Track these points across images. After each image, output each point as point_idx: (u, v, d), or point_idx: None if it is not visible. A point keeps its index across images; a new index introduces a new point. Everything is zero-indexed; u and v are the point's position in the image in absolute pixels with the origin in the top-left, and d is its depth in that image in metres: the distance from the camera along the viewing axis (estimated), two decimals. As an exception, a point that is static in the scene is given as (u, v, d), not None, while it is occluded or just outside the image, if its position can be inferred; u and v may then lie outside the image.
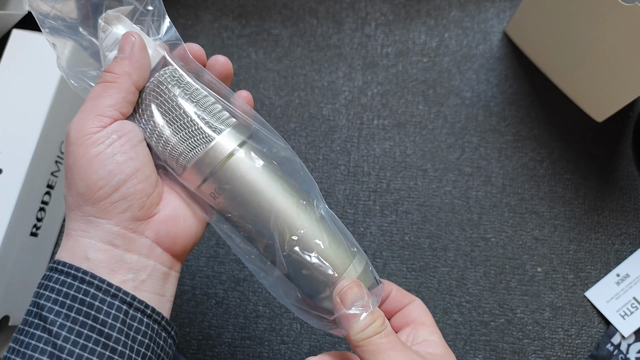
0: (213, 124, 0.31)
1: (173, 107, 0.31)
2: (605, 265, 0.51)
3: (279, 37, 0.57)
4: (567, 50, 0.51)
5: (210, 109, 0.32)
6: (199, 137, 0.31)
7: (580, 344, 0.50)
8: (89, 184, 0.29)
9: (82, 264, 0.29)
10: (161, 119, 0.31)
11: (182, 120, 0.31)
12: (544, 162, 0.53)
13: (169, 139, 0.31)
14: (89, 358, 0.27)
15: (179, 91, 0.31)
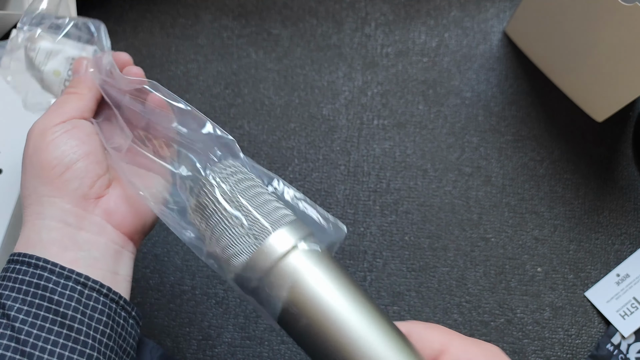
0: (262, 224, 0.28)
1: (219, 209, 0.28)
2: (605, 265, 0.51)
3: (279, 37, 0.57)
4: (567, 50, 0.51)
5: (263, 207, 0.28)
6: (244, 241, 0.28)
7: (580, 344, 0.49)
8: (44, 164, 0.31)
9: (36, 248, 0.30)
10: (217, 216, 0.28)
11: (224, 223, 0.28)
12: (544, 162, 0.53)
13: (219, 241, 0.28)
14: (47, 337, 0.28)
15: (228, 189, 0.29)
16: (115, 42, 0.57)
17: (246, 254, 0.27)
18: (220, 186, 0.28)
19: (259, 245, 0.27)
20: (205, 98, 0.55)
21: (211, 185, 0.28)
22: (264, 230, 0.27)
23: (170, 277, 0.51)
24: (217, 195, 0.28)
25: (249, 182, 0.29)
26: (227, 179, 0.29)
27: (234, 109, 0.55)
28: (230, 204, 0.28)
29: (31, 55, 0.36)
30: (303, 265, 0.27)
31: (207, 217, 0.28)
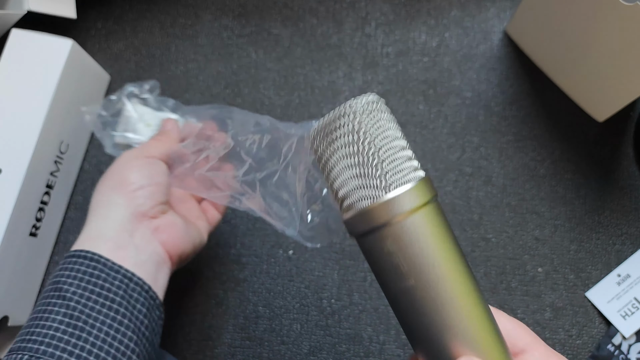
0: (395, 172, 0.27)
1: (359, 141, 0.27)
2: (606, 265, 0.51)
3: (279, 37, 0.57)
4: (568, 50, 0.50)
5: (397, 155, 0.28)
6: (374, 183, 0.27)
7: (581, 345, 0.49)
8: (124, 180, 0.40)
9: (95, 243, 0.37)
10: (342, 151, 0.27)
11: (363, 158, 0.27)
12: (545, 162, 0.53)
13: (341, 173, 0.28)
14: (96, 317, 0.34)
15: (372, 124, 0.28)
16: (114, 42, 0.57)
17: (368, 200, 0.26)
18: (361, 120, 0.27)
19: (383, 195, 0.26)
20: (205, 98, 0.55)
21: (352, 117, 0.27)
22: (394, 181, 0.26)
23: (170, 278, 0.51)
24: (356, 127, 0.27)
25: (387, 124, 0.28)
26: (369, 115, 0.27)
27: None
28: (365, 141, 0.27)
29: (132, 114, 0.49)
30: (423, 227, 0.26)
31: (334, 150, 0.27)
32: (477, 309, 0.26)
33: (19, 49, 0.48)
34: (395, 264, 0.26)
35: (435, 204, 0.27)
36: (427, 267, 0.26)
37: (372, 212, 0.26)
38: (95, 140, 0.55)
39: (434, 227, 0.26)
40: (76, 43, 0.49)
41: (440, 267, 0.26)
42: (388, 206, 0.26)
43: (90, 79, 0.53)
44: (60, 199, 0.51)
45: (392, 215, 0.26)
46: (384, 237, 0.26)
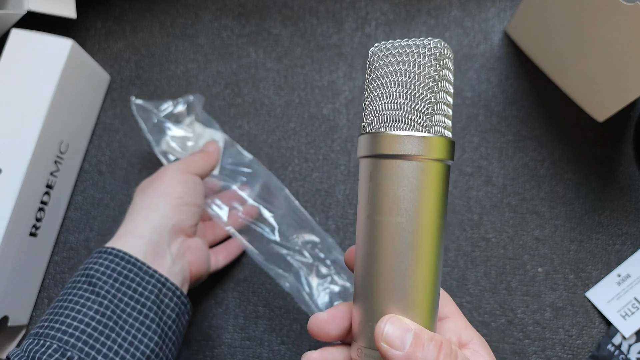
0: (438, 121, 0.28)
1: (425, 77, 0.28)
2: (606, 265, 0.51)
3: (279, 37, 0.57)
4: (568, 50, 0.50)
5: (444, 108, 0.29)
6: (418, 118, 0.28)
7: (581, 345, 0.49)
8: (173, 192, 0.41)
9: (132, 244, 0.38)
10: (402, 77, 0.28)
11: (424, 92, 0.28)
12: (545, 162, 0.53)
13: (386, 95, 0.28)
14: (126, 311, 0.35)
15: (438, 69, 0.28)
16: (114, 42, 0.57)
17: (405, 127, 0.27)
18: (445, 62, 0.28)
19: (422, 131, 0.27)
20: (205, 98, 0.55)
21: (439, 54, 0.28)
22: (434, 125, 0.28)
23: (170, 277, 0.51)
24: (439, 63, 0.28)
25: (451, 79, 0.29)
26: (449, 61, 0.29)
27: (234, 108, 0.55)
28: (437, 79, 0.28)
29: (186, 134, 0.51)
30: (436, 179, 0.27)
31: (402, 70, 0.28)
32: (431, 276, 0.28)
33: (19, 49, 0.48)
34: (397, 196, 0.27)
35: (449, 166, 0.29)
36: (420, 215, 0.27)
37: (404, 139, 0.27)
38: (95, 140, 0.55)
39: (443, 184, 0.28)
40: (76, 43, 0.49)
41: (427, 222, 0.27)
42: (422, 143, 0.27)
43: (90, 79, 0.53)
44: (60, 198, 0.51)
45: (421, 152, 0.27)
46: (400, 167, 0.27)
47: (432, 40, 0.28)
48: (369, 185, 0.28)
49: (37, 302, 0.50)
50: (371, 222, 0.28)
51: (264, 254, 0.47)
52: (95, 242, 0.52)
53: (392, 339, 0.26)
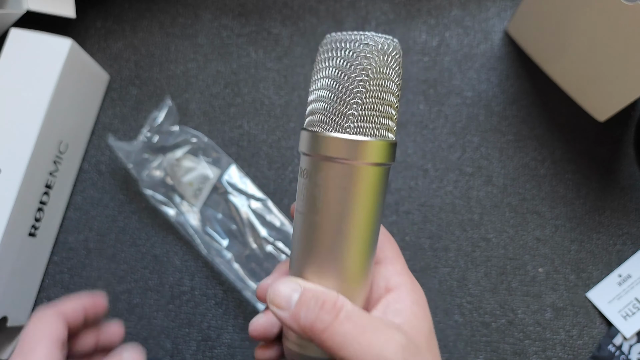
0: (369, 121, 0.27)
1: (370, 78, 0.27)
2: (606, 265, 0.51)
3: (279, 36, 0.57)
4: (569, 50, 0.50)
5: (379, 107, 0.28)
6: (345, 120, 0.27)
7: (581, 345, 0.49)
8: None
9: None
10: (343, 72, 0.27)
11: (350, 92, 0.27)
12: (546, 162, 0.53)
13: (325, 89, 0.28)
14: None
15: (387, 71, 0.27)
16: (114, 42, 0.57)
17: (331, 128, 0.27)
18: (373, 60, 0.27)
19: (351, 134, 0.27)
20: (205, 97, 0.55)
21: (371, 52, 0.26)
22: (365, 127, 0.27)
23: (170, 277, 0.51)
24: (366, 63, 0.26)
25: (392, 76, 0.28)
26: (385, 58, 0.27)
27: (234, 108, 0.55)
28: (362, 79, 0.27)
29: (176, 169, 0.51)
30: (367, 183, 0.27)
31: (335, 65, 0.27)
32: (361, 269, 0.28)
33: (18, 49, 0.48)
34: (315, 195, 0.27)
35: (386, 170, 0.28)
36: (342, 218, 0.27)
37: (326, 141, 0.27)
38: (95, 139, 0.54)
39: (370, 187, 0.27)
40: (75, 42, 0.49)
41: (351, 227, 0.27)
42: (347, 145, 0.26)
43: (90, 79, 0.53)
44: (59, 199, 0.51)
45: (343, 155, 0.27)
46: (323, 168, 0.27)
47: (372, 37, 0.27)
48: (301, 180, 0.29)
49: (37, 302, 0.50)
50: (297, 214, 0.29)
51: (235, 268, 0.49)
52: (94, 242, 0.52)
53: (279, 301, 0.26)
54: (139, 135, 0.51)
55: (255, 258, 0.50)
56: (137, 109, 0.55)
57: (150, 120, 0.51)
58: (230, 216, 0.51)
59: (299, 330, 0.26)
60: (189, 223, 0.50)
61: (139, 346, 0.35)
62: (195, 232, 0.50)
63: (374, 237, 0.29)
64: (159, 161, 0.51)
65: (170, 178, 0.51)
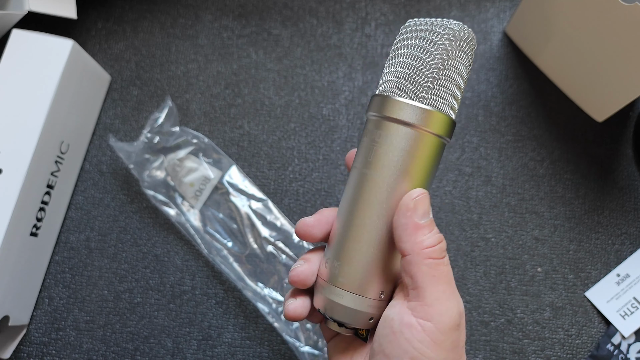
0: (439, 97, 0.30)
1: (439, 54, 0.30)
2: (605, 265, 0.51)
3: (279, 37, 0.57)
4: (567, 50, 0.50)
5: (449, 86, 0.31)
6: (420, 90, 0.30)
7: (580, 344, 0.49)
8: None
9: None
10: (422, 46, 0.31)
11: (427, 65, 0.30)
12: (544, 162, 0.53)
13: (405, 60, 0.31)
14: None
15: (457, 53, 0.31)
16: (115, 42, 0.57)
17: (407, 96, 0.30)
18: (453, 46, 0.30)
19: (422, 103, 0.30)
20: (205, 98, 0.55)
21: (451, 38, 0.30)
22: (434, 101, 0.30)
23: (171, 277, 0.51)
24: (447, 47, 0.30)
25: (467, 61, 0.31)
26: (463, 45, 0.31)
27: (234, 109, 0.55)
28: (441, 60, 0.30)
29: (177, 169, 0.51)
30: (428, 150, 0.30)
31: (417, 45, 0.31)
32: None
33: (19, 50, 0.48)
34: (383, 154, 0.30)
35: (443, 144, 0.31)
36: (400, 176, 0.30)
37: (400, 105, 0.30)
38: (96, 140, 0.55)
39: (432, 156, 0.30)
40: (77, 43, 0.49)
41: (404, 185, 0.30)
42: (415, 112, 0.30)
43: (91, 79, 0.53)
44: (60, 198, 0.51)
45: (413, 121, 0.30)
46: (392, 130, 0.30)
47: (454, 23, 0.30)
48: (364, 140, 0.31)
49: (38, 301, 0.50)
50: (356, 172, 0.31)
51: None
52: (95, 242, 0.52)
53: (422, 207, 0.29)
54: (139, 136, 0.52)
55: (255, 258, 0.50)
56: (138, 109, 0.55)
57: (151, 121, 0.51)
58: (231, 216, 0.51)
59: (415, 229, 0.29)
60: (189, 223, 0.51)
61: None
62: (196, 232, 0.50)
63: None
64: (159, 161, 0.51)
65: (171, 178, 0.51)
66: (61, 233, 0.52)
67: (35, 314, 0.50)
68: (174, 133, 0.52)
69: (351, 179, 0.32)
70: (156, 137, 0.51)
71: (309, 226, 0.33)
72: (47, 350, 0.49)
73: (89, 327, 0.50)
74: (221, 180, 0.52)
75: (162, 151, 0.52)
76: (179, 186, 0.51)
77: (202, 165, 0.52)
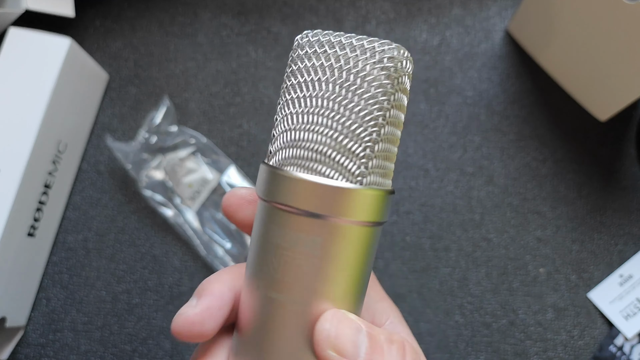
0: (379, 167, 0.21)
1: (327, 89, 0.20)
2: (608, 265, 0.51)
3: (279, 35, 0.56)
4: (570, 49, 0.50)
5: (389, 147, 0.21)
6: (350, 162, 0.20)
7: (583, 345, 0.49)
8: None
9: None
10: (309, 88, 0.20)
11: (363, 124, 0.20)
12: (547, 162, 0.53)
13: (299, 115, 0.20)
14: None
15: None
16: (113, 41, 0.57)
17: (330, 171, 0.19)
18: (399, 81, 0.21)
19: (353, 183, 0.20)
20: (204, 97, 0.55)
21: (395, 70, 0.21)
22: (371, 176, 0.20)
23: (169, 278, 0.51)
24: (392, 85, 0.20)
25: (404, 102, 0.21)
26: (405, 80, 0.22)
27: (233, 107, 0.55)
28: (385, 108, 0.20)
29: (176, 169, 0.51)
30: (356, 247, 0.20)
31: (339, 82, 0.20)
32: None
33: (16, 48, 0.48)
34: (298, 267, 0.20)
35: (379, 230, 0.22)
36: (315, 299, 0.20)
37: (321, 190, 0.19)
38: (94, 139, 0.54)
39: (367, 251, 0.21)
40: (74, 42, 0.49)
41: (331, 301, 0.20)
42: (346, 198, 0.19)
43: (89, 78, 0.53)
44: (58, 198, 0.51)
45: (342, 213, 0.19)
46: (308, 227, 0.19)
47: (386, 45, 0.21)
48: (262, 238, 0.21)
49: (35, 302, 0.50)
50: (259, 294, 0.21)
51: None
52: (93, 242, 0.51)
53: (344, 344, 0.20)
54: (137, 136, 0.51)
55: None
56: (136, 108, 0.55)
57: (149, 120, 0.51)
58: None
59: None
60: (188, 224, 0.50)
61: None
62: (195, 233, 0.50)
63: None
64: (157, 161, 0.51)
65: (169, 178, 0.51)
66: (59, 233, 0.52)
67: (32, 315, 0.50)
68: (172, 133, 0.51)
69: (254, 302, 0.22)
70: (154, 137, 0.51)
71: (194, 324, 0.23)
72: (44, 351, 0.49)
73: (87, 328, 0.49)
74: (220, 181, 0.51)
75: (160, 151, 0.51)
76: (177, 186, 0.51)
77: (201, 166, 0.52)
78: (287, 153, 0.20)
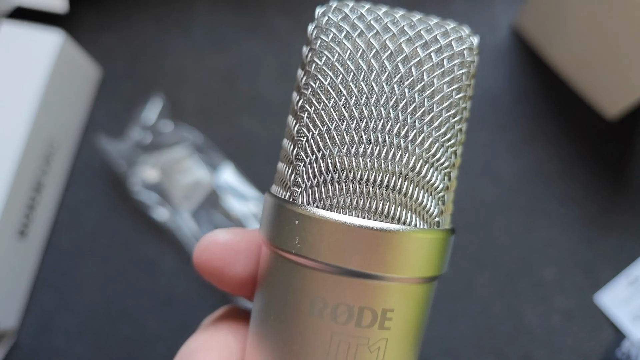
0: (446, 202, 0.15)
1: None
2: (616, 267, 0.50)
3: (278, 30, 0.56)
4: (578, 45, 0.50)
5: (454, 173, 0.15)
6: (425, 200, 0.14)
7: (590, 348, 0.48)
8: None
9: None
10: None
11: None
12: (554, 161, 0.52)
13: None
14: None
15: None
16: (107, 36, 0.56)
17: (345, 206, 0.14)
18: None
19: (431, 227, 0.14)
20: (201, 93, 0.54)
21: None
22: (442, 215, 0.14)
23: (163, 280, 0.50)
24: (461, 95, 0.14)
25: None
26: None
27: (230, 104, 0.54)
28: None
29: (172, 169, 0.50)
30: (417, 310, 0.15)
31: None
32: None
33: (8, 42, 0.47)
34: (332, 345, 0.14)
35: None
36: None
37: (390, 239, 0.13)
38: (87, 137, 0.54)
39: (425, 311, 0.16)
40: (68, 36, 0.49)
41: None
42: (432, 250, 0.14)
43: (82, 74, 0.52)
44: (50, 198, 0.50)
45: (423, 269, 0.13)
46: (362, 293, 0.13)
47: (457, 29, 0.15)
48: (297, 323, 0.15)
49: (28, 306, 0.49)
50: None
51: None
52: (86, 242, 0.51)
53: None
54: (130, 134, 0.50)
55: None
56: (130, 105, 0.54)
57: (143, 118, 0.50)
58: (225, 218, 0.50)
59: None
60: (182, 225, 0.49)
61: None
62: (191, 234, 0.49)
63: None
64: (151, 161, 0.50)
65: (164, 179, 0.50)
66: (51, 234, 0.51)
67: (25, 319, 0.49)
68: (167, 130, 0.51)
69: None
70: (149, 135, 0.50)
71: (225, 248, 0.17)
72: (37, 355, 0.48)
73: (80, 331, 0.49)
74: (216, 180, 0.51)
75: (155, 150, 0.51)
76: (173, 187, 0.50)
77: (197, 165, 0.51)
78: (336, 189, 0.14)
